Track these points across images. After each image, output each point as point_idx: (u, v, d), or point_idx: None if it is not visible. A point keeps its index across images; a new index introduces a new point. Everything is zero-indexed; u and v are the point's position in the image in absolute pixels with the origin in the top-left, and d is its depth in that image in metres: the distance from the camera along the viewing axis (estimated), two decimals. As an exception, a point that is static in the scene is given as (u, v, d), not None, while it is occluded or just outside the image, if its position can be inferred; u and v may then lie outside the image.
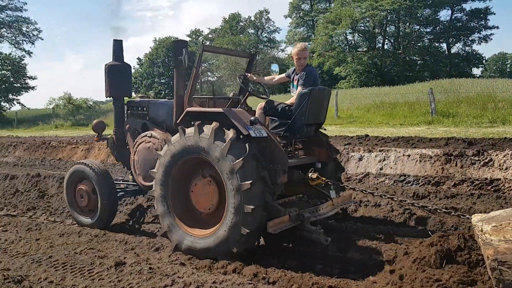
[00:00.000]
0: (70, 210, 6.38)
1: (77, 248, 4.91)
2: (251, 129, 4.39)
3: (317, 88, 5.15)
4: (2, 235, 5.55)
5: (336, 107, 19.58)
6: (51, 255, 4.66)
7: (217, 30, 68.74)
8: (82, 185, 6.11)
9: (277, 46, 63.54)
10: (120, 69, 6.33)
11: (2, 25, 50.91)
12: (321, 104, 5.34)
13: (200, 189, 4.78)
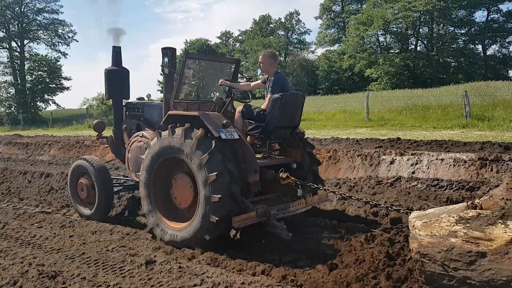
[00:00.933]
0: (73, 201, 6.94)
1: (109, 245, 4.99)
2: (222, 132, 4.85)
3: (288, 94, 5.51)
4: (37, 231, 5.69)
5: (367, 109, 19.34)
6: (84, 252, 4.75)
7: (247, 32, 68.94)
8: (83, 179, 6.63)
9: (307, 48, 63.19)
10: (118, 74, 6.83)
11: (39, 27, 52.53)
12: (294, 109, 5.69)
13: (179, 186, 5.21)
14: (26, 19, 51.90)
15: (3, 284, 3.91)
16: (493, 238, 2.89)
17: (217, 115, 5.18)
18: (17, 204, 7.85)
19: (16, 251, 4.86)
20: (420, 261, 3.12)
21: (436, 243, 3.08)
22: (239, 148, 5.09)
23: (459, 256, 2.96)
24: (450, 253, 3.00)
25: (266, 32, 64.29)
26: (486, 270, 2.83)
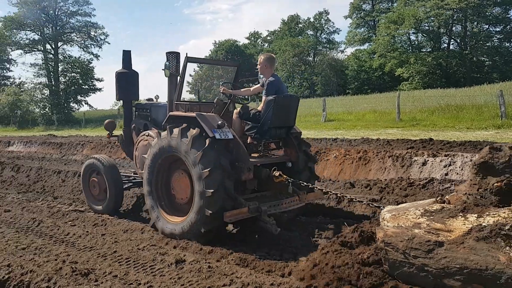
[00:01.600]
0: (85, 198, 7.39)
1: (140, 244, 5.05)
2: (217, 132, 5.12)
3: (282, 96, 5.74)
4: (71, 229, 5.82)
5: (398, 109, 19.02)
6: (116, 250, 4.82)
7: (276, 32, 68.88)
8: (94, 177, 7.06)
9: (337, 47, 62.67)
10: (128, 76, 7.20)
11: (72, 30, 53.85)
12: (288, 110, 5.92)
13: (178, 182, 5.56)
14: (60, 22, 53.32)
15: (38, 281, 4.00)
16: (453, 229, 3.08)
17: (213, 116, 5.40)
18: (51, 203, 8.05)
19: (50, 249, 4.98)
20: (384, 249, 3.30)
21: (400, 233, 3.26)
22: (233, 147, 5.36)
23: (419, 245, 3.13)
24: (411, 242, 3.17)
25: (294, 32, 64.07)
26: (442, 258, 3.02)
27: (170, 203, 5.73)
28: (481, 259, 2.89)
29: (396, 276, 3.26)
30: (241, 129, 5.99)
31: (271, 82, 5.87)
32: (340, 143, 11.53)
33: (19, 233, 5.76)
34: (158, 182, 5.73)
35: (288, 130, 6.08)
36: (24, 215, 6.70)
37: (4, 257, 4.71)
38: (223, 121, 5.28)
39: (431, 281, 3.10)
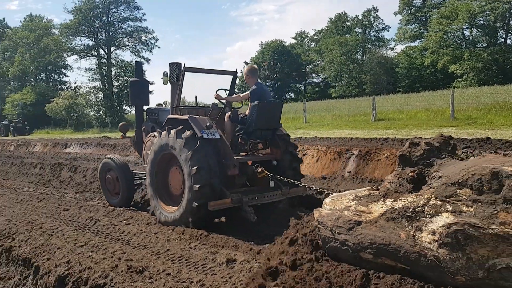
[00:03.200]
0: (103, 192, 8.32)
1: (192, 243, 5.12)
2: (205, 132, 5.83)
3: (265, 102, 6.49)
4: (126, 228, 5.99)
5: (452, 107, 18.31)
6: (168, 249, 4.91)
7: (323, 31, 68.22)
8: (109, 174, 7.96)
9: (386, 45, 61.20)
10: (139, 84, 8.03)
11: (124, 35, 55.72)
12: (271, 114, 6.62)
13: (173, 176, 6.38)
14: (113, 27, 55.32)
15: (96, 277, 4.14)
16: (372, 212, 3.60)
17: (204, 119, 6.12)
18: (106, 202, 8.33)
19: (106, 246, 5.14)
20: (318, 227, 3.90)
21: (331, 214, 3.84)
22: (220, 146, 6.07)
23: (342, 224, 3.71)
24: (337, 221, 3.75)
25: (342, 30, 63.19)
26: (358, 234, 3.56)
27: (167, 194, 6.55)
28: (386, 236, 3.41)
29: (326, 250, 3.84)
30: (232, 130, 6.81)
31: (254, 90, 6.62)
32: (391, 143, 11.22)
33: (77, 231, 5.98)
34: (158, 175, 6.57)
35: (273, 131, 6.79)
36: (81, 214, 6.97)
37: (64, 254, 4.91)
38: (211, 123, 6.00)
39: (350, 254, 3.64)
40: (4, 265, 5.39)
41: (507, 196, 2.89)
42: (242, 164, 6.42)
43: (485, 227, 2.92)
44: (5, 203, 8.20)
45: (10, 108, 54.19)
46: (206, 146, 5.82)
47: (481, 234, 2.94)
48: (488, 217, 2.94)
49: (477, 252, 2.97)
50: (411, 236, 3.27)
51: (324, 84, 66.27)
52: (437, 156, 3.67)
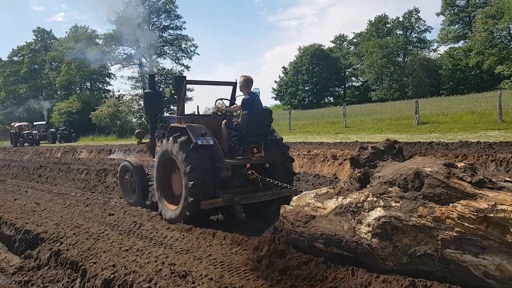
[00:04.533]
0: (122, 191, 9.08)
1: (233, 248, 5.12)
2: (199, 139, 6.46)
3: (254, 110, 7.02)
4: (168, 233, 6.06)
5: (500, 110, 17.62)
6: (210, 254, 4.93)
7: (362, 34, 67.31)
8: (127, 175, 8.67)
9: (428, 46, 59.67)
10: (152, 95, 8.68)
11: (165, 43, 56.98)
12: (261, 121, 7.16)
13: (175, 178, 6.99)
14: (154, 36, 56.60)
15: (140, 281, 4.20)
16: (326, 207, 4.18)
17: (200, 127, 6.75)
18: (150, 207, 8.48)
19: (150, 251, 5.21)
20: (282, 221, 4.56)
21: (293, 210, 4.48)
22: (214, 151, 6.70)
23: (301, 218, 4.32)
24: (297, 216, 4.38)
25: (382, 32, 62.11)
26: (312, 227, 4.16)
27: (171, 195, 7.16)
28: (333, 228, 3.98)
29: (289, 241, 4.48)
30: (228, 136, 7.33)
31: (246, 99, 7.15)
32: (436, 147, 10.89)
33: (122, 235, 6.10)
34: (163, 179, 7.25)
35: (264, 137, 7.34)
36: (126, 219, 7.12)
37: (109, 257, 5.02)
38: (206, 131, 6.64)
39: (306, 244, 4.25)
40: (53, 268, 5.56)
41: (426, 193, 3.40)
42: (237, 167, 7.04)
43: (407, 220, 3.44)
44: (54, 208, 8.49)
45: (57, 116, 56.37)
46: (200, 151, 6.48)
47: (404, 226, 3.45)
48: (409, 211, 3.45)
49: (401, 241, 3.48)
50: (352, 227, 3.84)
51: (364, 87, 65.28)
52: (381, 158, 4.15)
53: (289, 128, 26.75)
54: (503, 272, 2.95)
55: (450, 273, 3.26)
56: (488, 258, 3.03)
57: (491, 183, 3.22)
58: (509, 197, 3.02)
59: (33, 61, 71.07)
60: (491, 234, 3.01)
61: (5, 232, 7.41)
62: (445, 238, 3.22)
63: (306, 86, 68.68)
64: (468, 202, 3.17)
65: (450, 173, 3.39)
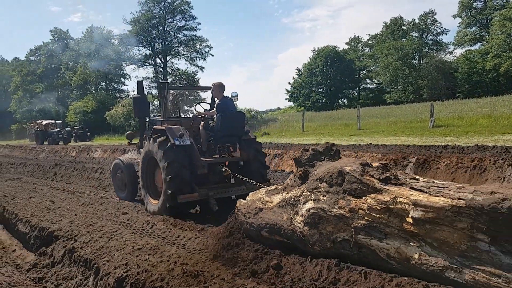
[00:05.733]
0: (114, 187, 9.75)
1: (244, 248, 5.11)
2: (177, 140, 7.15)
3: (227, 113, 7.74)
4: (181, 232, 6.08)
5: (518, 113, 17.35)
6: (223, 254, 4.93)
7: (378, 36, 66.91)
8: (118, 173, 9.38)
9: (444, 49, 59.05)
10: (141, 100, 9.28)
11: (179, 44, 57.27)
12: (233, 123, 7.86)
13: (158, 175, 7.69)
14: (169, 37, 57.02)
15: (153, 280, 4.22)
16: (273, 201, 4.84)
17: (178, 128, 7.42)
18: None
19: (163, 250, 5.24)
20: (237, 214, 5.26)
21: (246, 203, 5.19)
22: (191, 151, 7.37)
23: (251, 210, 5.00)
24: (248, 208, 5.06)
25: (397, 34, 61.67)
26: (259, 218, 4.83)
27: (154, 191, 7.85)
28: (275, 218, 4.62)
29: (242, 230, 5.11)
30: (206, 137, 8.05)
31: (219, 104, 7.87)
32: (451, 151, 10.75)
33: (135, 234, 6.15)
34: (147, 176, 7.98)
35: (238, 137, 8.03)
36: (139, 218, 7.17)
37: (122, 256, 5.05)
38: (184, 132, 7.30)
39: (255, 233, 4.90)
40: (66, 265, 5.62)
41: (345, 188, 3.97)
42: (213, 164, 7.75)
43: (330, 211, 4.02)
44: (68, 206, 8.58)
45: (73, 115, 57.01)
46: (177, 150, 7.14)
47: (328, 216, 4.04)
48: (332, 203, 4.02)
49: (326, 229, 4.06)
50: (290, 218, 4.47)
51: (379, 89, 64.85)
52: (319, 159, 4.73)
53: (302, 129, 26.67)
54: (401, 254, 3.49)
55: (363, 256, 3.81)
56: (390, 243, 3.58)
57: (395, 180, 3.73)
58: (407, 191, 3.53)
59: (49, 61, 71.98)
60: (392, 222, 3.56)
61: (20, 229, 7.52)
62: (357, 226, 3.79)
63: (320, 87, 68.45)
64: (376, 195, 3.72)
65: (364, 171, 3.93)
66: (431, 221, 3.31)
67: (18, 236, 7.74)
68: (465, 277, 3.13)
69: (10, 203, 9.07)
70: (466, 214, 3.12)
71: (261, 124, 33.65)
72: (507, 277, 2.91)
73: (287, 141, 18.55)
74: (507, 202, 2.92)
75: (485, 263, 3.05)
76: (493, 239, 3.03)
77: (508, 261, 2.94)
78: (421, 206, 3.37)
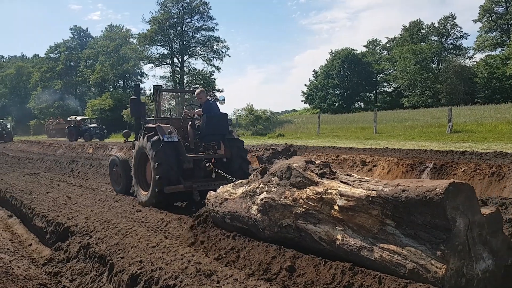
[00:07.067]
0: (111, 181, 10.67)
1: (256, 248, 5.11)
2: (166, 137, 7.94)
3: (212, 114, 8.58)
4: (195, 231, 6.10)
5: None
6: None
7: (396, 39, 66.35)
8: (115, 168, 10.24)
9: (464, 53, 58.28)
10: (137, 101, 9.83)
11: (197, 44, 57.53)
12: (217, 123, 8.66)
13: (148, 170, 8.49)
14: (187, 37, 57.30)
15: (166, 278, 4.23)
16: (237, 193, 5.48)
17: (167, 127, 8.22)
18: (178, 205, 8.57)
19: (176, 248, 5.26)
20: (206, 203, 5.90)
21: (215, 194, 5.84)
22: (178, 147, 8.12)
23: (218, 200, 5.66)
24: (216, 198, 5.73)
25: (416, 38, 61.08)
26: (224, 206, 5.49)
27: (145, 184, 8.63)
28: (236, 207, 5.29)
29: (211, 218, 5.76)
30: (193, 135, 8.90)
31: (204, 105, 8.76)
32: (469, 157, 10.61)
33: (149, 231, 6.19)
34: (139, 170, 8.77)
35: (222, 137, 8.85)
36: (153, 216, 7.21)
37: (137, 253, 5.08)
38: (172, 130, 8.12)
39: (220, 220, 5.55)
40: (81, 261, 5.67)
41: (292, 181, 4.64)
42: (198, 160, 8.44)
43: (278, 200, 4.70)
44: (84, 202, 8.68)
45: (90, 112, 57.64)
46: (165, 145, 7.90)
47: (276, 204, 4.71)
48: (280, 194, 4.70)
49: (274, 215, 4.74)
50: (248, 206, 5.12)
51: (396, 93, 64.25)
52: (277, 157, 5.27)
53: (318, 132, 26.58)
54: (329, 236, 4.13)
55: (302, 239, 4.46)
56: (322, 227, 4.21)
57: (330, 175, 4.39)
58: (337, 184, 4.18)
59: (69, 58, 72.96)
60: (324, 209, 4.18)
61: (37, 224, 7.62)
62: (297, 213, 4.44)
63: (337, 90, 68.07)
64: (313, 187, 4.36)
65: (307, 167, 4.59)
66: (352, 208, 3.92)
67: (34, 230, 7.85)
68: (375, 255, 3.74)
69: (27, 198, 9.21)
70: (377, 202, 3.73)
71: (277, 125, 33.58)
72: (405, 254, 3.53)
73: (302, 143, 18.48)
74: (405, 192, 3.55)
75: (390, 243, 3.65)
76: (397, 224, 3.63)
77: (406, 241, 3.55)
78: (345, 196, 4.00)
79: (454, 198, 3.39)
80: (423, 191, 3.44)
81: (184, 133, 9.14)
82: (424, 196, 3.42)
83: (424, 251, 3.44)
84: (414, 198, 3.49)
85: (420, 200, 3.44)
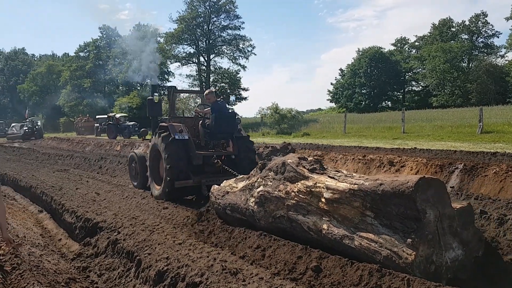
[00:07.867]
0: (130, 177, 11.10)
1: (282, 247, 5.09)
2: (177, 135, 8.46)
3: (219, 114, 8.94)
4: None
5: None
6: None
7: (425, 37, 65.10)
8: (133, 164, 10.73)
9: (496, 52, 56.72)
10: (153, 101, 10.35)
11: (223, 43, 57.74)
12: (225, 122, 9.09)
13: (161, 166, 8.85)
14: (213, 35, 57.55)
15: (192, 275, 4.27)
16: (238, 186, 6.06)
17: (179, 125, 8.72)
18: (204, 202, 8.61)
19: (202, 246, 5.29)
20: (210, 196, 6.53)
21: (218, 188, 6.48)
22: (188, 145, 8.63)
23: (220, 193, 6.27)
24: (219, 192, 6.34)
25: (446, 36, 59.78)
26: (225, 199, 6.08)
27: (158, 178, 9.10)
28: (236, 199, 5.86)
29: (214, 209, 6.36)
30: (203, 134, 9.30)
31: (213, 106, 9.12)
32: (500, 158, 10.31)
33: (175, 228, 6.24)
34: (154, 166, 9.29)
35: (230, 134, 9.31)
36: (179, 213, 7.28)
37: (164, 250, 5.14)
38: (183, 128, 8.62)
39: (222, 211, 6.14)
40: (109, 256, 5.77)
41: (286, 176, 5.11)
42: (207, 157, 8.84)
43: (272, 193, 5.18)
44: (112, 199, 8.82)
45: (118, 110, 58.55)
46: (176, 143, 8.41)
47: (271, 197, 5.20)
48: (275, 188, 5.19)
49: (269, 207, 5.23)
50: (246, 199, 5.64)
51: (425, 92, 63.04)
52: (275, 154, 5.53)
53: (344, 131, 26.30)
54: (316, 226, 4.58)
55: (293, 228, 4.93)
56: (310, 218, 4.68)
57: (320, 170, 4.87)
58: (324, 178, 4.65)
59: (97, 57, 74.26)
60: (312, 202, 4.66)
61: (67, 219, 7.78)
62: (289, 205, 4.93)
63: (363, 89, 67.24)
64: (304, 181, 4.84)
65: (299, 163, 5.09)
66: (337, 200, 4.36)
67: (64, 225, 8.02)
68: (355, 243, 4.14)
69: (57, 194, 9.42)
70: (358, 195, 4.15)
71: (302, 124, 33.33)
72: (381, 242, 3.89)
73: (328, 142, 18.33)
74: (382, 186, 3.91)
75: (369, 232, 4.04)
76: (376, 215, 4.01)
77: (383, 230, 3.93)
78: (331, 189, 4.46)
79: (425, 191, 3.71)
80: (397, 184, 3.79)
81: (196, 131, 9.59)
82: (398, 189, 3.77)
83: (398, 239, 3.77)
84: (389, 191, 3.83)
85: (395, 193, 3.79)
